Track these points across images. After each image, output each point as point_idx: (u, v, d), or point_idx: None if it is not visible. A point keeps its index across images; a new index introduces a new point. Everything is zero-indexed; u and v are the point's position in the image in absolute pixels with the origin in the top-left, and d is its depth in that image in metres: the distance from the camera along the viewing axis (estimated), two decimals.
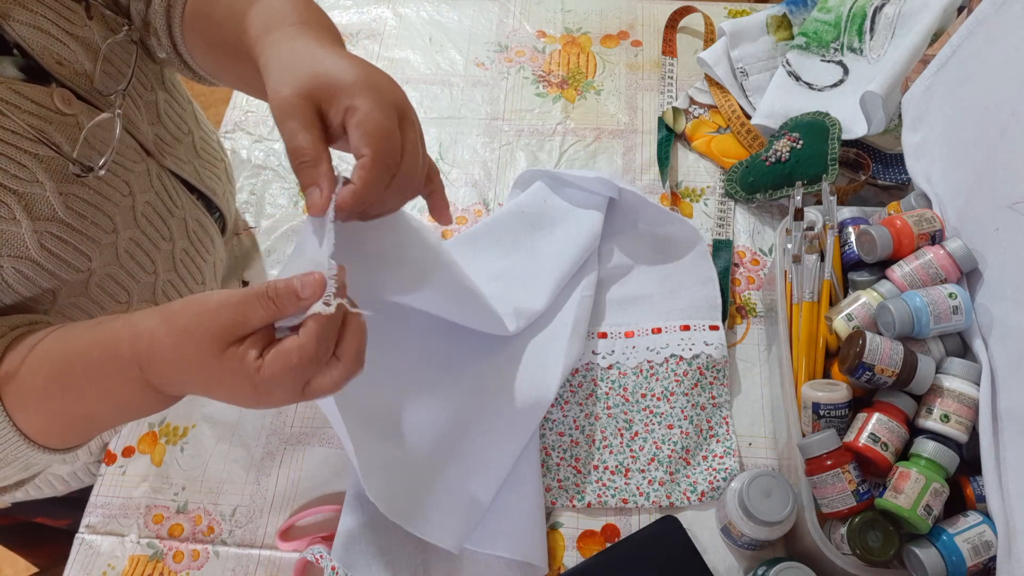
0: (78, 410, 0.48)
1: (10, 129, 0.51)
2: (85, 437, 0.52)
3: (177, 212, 0.69)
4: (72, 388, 0.46)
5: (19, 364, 0.48)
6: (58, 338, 0.49)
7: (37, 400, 0.47)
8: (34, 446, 0.48)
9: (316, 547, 0.64)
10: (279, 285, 0.41)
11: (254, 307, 0.41)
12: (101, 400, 0.47)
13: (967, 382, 0.59)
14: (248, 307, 0.41)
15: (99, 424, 0.50)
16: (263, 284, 0.42)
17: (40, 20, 0.55)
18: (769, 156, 0.84)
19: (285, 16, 0.54)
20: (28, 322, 0.54)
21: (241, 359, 0.41)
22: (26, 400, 0.47)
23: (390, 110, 0.45)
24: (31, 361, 0.48)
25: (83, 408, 0.47)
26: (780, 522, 0.60)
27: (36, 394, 0.47)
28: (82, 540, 0.69)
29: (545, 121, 0.96)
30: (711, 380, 0.75)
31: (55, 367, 0.47)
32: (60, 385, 0.46)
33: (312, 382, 0.43)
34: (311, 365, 0.42)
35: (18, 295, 0.54)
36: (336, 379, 0.43)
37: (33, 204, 0.53)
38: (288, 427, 0.75)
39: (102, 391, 0.46)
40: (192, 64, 0.67)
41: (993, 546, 0.55)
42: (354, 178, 0.44)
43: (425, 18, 1.07)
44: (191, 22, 0.63)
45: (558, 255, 0.79)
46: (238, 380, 0.42)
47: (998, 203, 0.60)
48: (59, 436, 0.50)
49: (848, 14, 0.91)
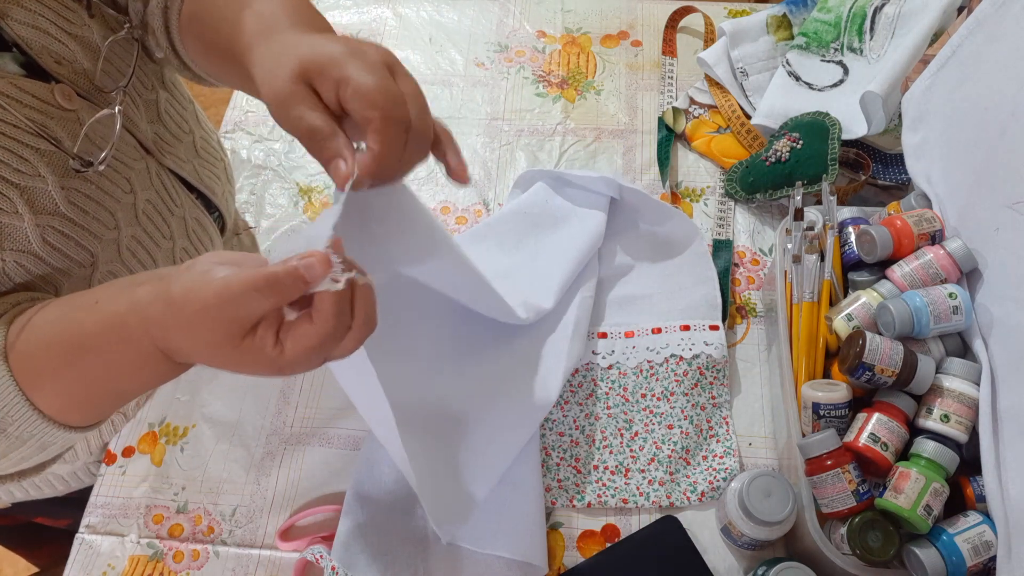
0: (97, 390, 0.47)
1: (11, 123, 0.51)
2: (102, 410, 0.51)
3: (177, 211, 0.69)
4: (87, 372, 0.46)
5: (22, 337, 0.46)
6: (60, 317, 0.47)
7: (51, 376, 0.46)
8: (47, 420, 0.47)
9: (316, 547, 0.64)
10: (279, 273, 0.40)
11: (258, 300, 0.40)
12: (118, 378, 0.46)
13: (967, 382, 0.59)
14: (251, 300, 0.40)
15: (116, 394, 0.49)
16: (261, 272, 0.40)
17: (38, 19, 0.55)
18: (769, 156, 0.84)
19: (277, 21, 0.54)
20: (29, 297, 0.53)
21: (260, 349, 0.41)
22: (39, 375, 0.46)
23: (380, 68, 0.44)
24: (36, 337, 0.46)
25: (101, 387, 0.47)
26: (780, 522, 0.60)
27: (49, 370, 0.46)
28: (82, 540, 0.69)
29: (545, 121, 0.96)
30: (711, 380, 0.75)
31: (66, 351, 0.46)
32: (74, 370, 0.46)
33: (331, 354, 0.43)
34: (331, 342, 0.41)
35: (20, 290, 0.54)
36: (350, 346, 0.43)
37: (35, 198, 0.53)
38: (288, 427, 0.75)
39: (118, 371, 0.45)
40: (190, 65, 0.67)
41: (993, 546, 0.55)
42: (370, 143, 0.43)
43: (425, 18, 1.07)
44: (187, 24, 0.63)
45: (562, 255, 0.79)
46: (261, 365, 0.42)
47: (998, 203, 0.60)
48: (76, 409, 0.49)
49: (848, 14, 0.91)
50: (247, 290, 0.39)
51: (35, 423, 0.47)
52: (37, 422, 0.47)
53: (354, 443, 0.73)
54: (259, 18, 0.55)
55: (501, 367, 0.74)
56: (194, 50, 0.64)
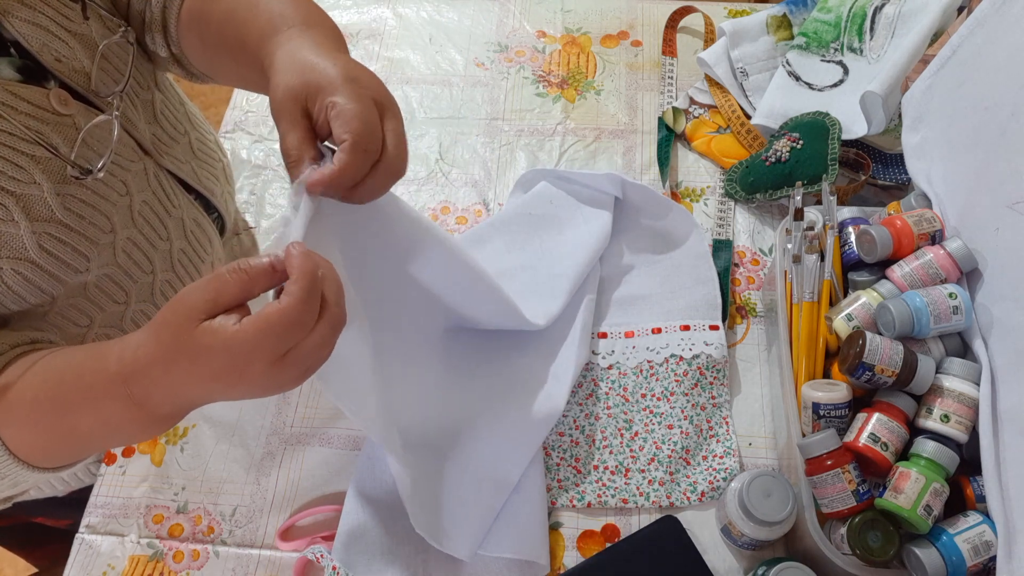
0: (65, 426, 0.47)
1: (7, 131, 0.51)
2: (71, 457, 0.52)
3: (174, 212, 0.69)
4: (60, 404, 0.46)
5: (14, 381, 0.48)
6: (56, 356, 0.49)
7: (26, 414, 0.47)
8: (19, 463, 0.48)
9: (316, 547, 0.64)
10: (251, 261, 0.41)
11: (225, 282, 0.40)
12: (87, 416, 0.46)
13: (967, 382, 0.59)
14: (219, 282, 0.40)
15: (86, 443, 0.49)
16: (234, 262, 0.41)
17: (39, 17, 0.55)
18: (769, 156, 0.84)
19: (286, 19, 0.55)
20: (29, 340, 0.54)
21: (215, 330, 0.39)
22: (15, 414, 0.47)
23: (367, 101, 0.47)
24: (27, 377, 0.48)
25: (69, 424, 0.46)
26: (780, 522, 0.60)
27: (25, 408, 0.47)
28: (82, 540, 0.69)
29: (545, 121, 0.96)
30: (711, 380, 0.75)
31: (47, 382, 0.47)
32: (50, 400, 0.47)
33: (297, 347, 0.41)
34: (294, 329, 0.40)
35: (17, 297, 0.54)
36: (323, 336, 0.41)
37: (31, 205, 0.53)
38: (288, 427, 0.75)
39: (88, 407, 0.45)
40: (187, 63, 0.67)
41: (993, 546, 0.55)
42: (335, 161, 0.46)
43: (425, 18, 1.07)
44: (188, 22, 0.63)
45: (569, 258, 0.79)
46: (214, 354, 0.39)
47: (998, 203, 0.60)
48: (45, 453, 0.49)
49: (848, 14, 0.91)
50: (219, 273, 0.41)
51: (7, 463, 0.48)
52: (7, 461, 0.48)
53: (354, 443, 0.73)
54: (268, 16, 0.56)
55: (509, 381, 0.74)
56: (194, 48, 0.64)
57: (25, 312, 0.56)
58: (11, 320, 0.56)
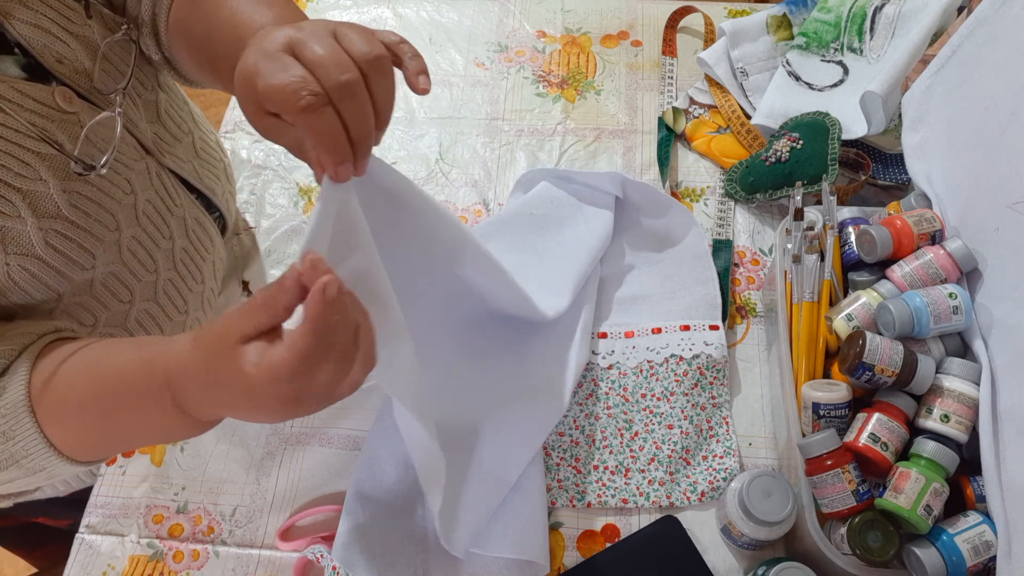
0: (113, 429, 0.49)
1: (13, 127, 0.51)
2: (114, 453, 0.54)
3: (176, 211, 0.69)
4: (110, 409, 0.48)
5: (53, 374, 0.48)
6: (99, 355, 0.50)
7: (75, 416, 0.48)
8: (63, 458, 0.50)
9: (316, 547, 0.64)
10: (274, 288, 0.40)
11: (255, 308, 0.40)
12: (137, 423, 0.48)
13: (967, 382, 0.59)
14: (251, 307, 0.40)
15: (131, 443, 0.52)
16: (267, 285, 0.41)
17: (40, 19, 0.55)
18: (769, 156, 0.84)
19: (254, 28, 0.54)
20: (54, 329, 0.54)
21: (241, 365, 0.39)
22: (63, 415, 0.48)
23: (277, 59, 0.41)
24: (69, 375, 0.49)
25: (118, 428, 0.49)
26: (780, 522, 0.60)
27: (73, 411, 0.48)
28: (82, 540, 0.69)
29: (545, 121, 0.96)
30: (711, 380, 0.75)
31: (93, 382, 0.48)
32: (99, 404, 0.48)
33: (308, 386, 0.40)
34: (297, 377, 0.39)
35: (24, 293, 0.55)
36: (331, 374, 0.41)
37: (38, 202, 0.53)
38: (288, 427, 0.75)
39: (138, 414, 0.47)
40: (179, 68, 0.67)
41: (993, 546, 0.55)
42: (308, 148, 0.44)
43: (425, 18, 1.07)
44: (175, 28, 0.63)
45: (571, 257, 0.79)
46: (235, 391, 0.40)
47: (998, 203, 0.60)
48: (90, 450, 0.51)
49: (848, 14, 0.91)
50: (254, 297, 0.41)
51: (49, 458, 0.49)
52: (51, 457, 0.49)
53: (354, 443, 0.73)
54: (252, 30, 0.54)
55: (515, 381, 0.74)
56: (181, 55, 0.64)
57: (31, 309, 0.57)
58: (16, 317, 0.57)
